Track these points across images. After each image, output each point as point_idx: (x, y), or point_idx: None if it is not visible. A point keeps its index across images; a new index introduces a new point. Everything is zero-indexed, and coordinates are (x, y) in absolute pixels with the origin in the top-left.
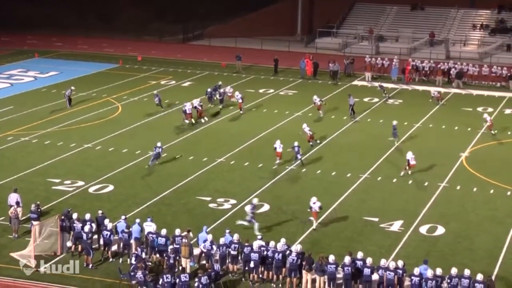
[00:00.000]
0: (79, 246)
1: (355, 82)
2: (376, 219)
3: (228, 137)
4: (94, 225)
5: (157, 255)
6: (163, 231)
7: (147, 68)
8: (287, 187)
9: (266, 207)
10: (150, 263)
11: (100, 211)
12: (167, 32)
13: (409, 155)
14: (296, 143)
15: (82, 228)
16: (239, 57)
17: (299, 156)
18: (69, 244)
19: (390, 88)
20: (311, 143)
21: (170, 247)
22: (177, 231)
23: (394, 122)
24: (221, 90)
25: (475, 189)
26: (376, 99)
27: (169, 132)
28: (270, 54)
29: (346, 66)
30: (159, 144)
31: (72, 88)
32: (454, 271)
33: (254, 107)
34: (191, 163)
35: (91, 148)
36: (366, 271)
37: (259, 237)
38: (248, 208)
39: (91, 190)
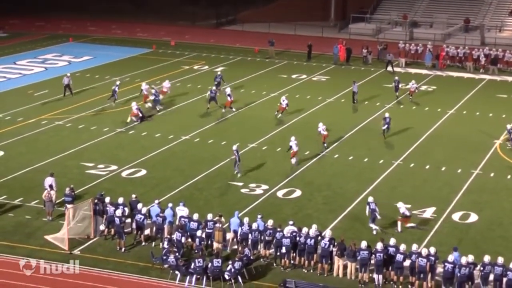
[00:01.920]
0: (112, 230)
1: (389, 68)
2: (409, 206)
3: (260, 122)
4: (127, 209)
5: (189, 240)
6: (195, 216)
7: (180, 53)
8: (319, 173)
9: (298, 193)
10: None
11: (133, 195)
12: (200, 16)
13: None
14: (387, 114)
15: (115, 212)
16: (272, 43)
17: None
18: (102, 227)
19: (424, 74)
20: (325, 144)
21: (198, 232)
22: (209, 216)
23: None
24: (213, 88)
25: (509, 177)
26: None
27: (201, 116)
28: (303, 40)
29: (379, 52)
30: (234, 147)
31: (68, 75)
32: (487, 258)
33: (287, 92)
34: (223, 148)
35: (124, 132)
36: (399, 257)
37: (291, 222)
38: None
39: (124, 174)
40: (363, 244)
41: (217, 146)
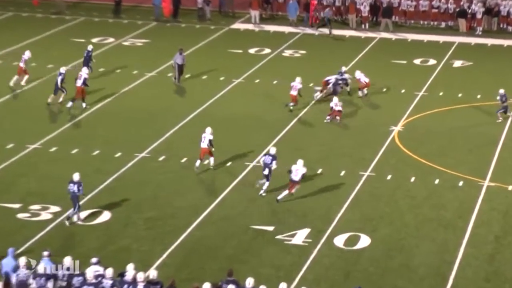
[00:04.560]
0: None
1: (236, 25)
2: (271, 228)
3: (44, 113)
4: None
5: None
6: None
7: None
8: (138, 183)
9: (106, 216)
10: None
11: None
12: None
13: None
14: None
15: None
16: None
17: None
18: None
19: (287, 33)
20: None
21: None
22: None
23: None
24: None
25: (413, 179)
26: (267, 50)
27: None
28: None
29: (221, 2)
30: (76, 177)
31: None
32: None
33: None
34: None
35: None
36: None
37: (94, 260)
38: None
39: None
40: (205, 287)
41: None
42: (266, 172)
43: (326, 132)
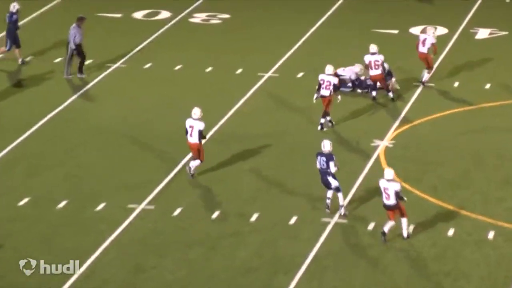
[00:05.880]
0: None
1: None
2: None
3: None
4: None
5: None
6: None
7: None
8: None
9: None
10: None
11: None
12: None
13: None
14: None
15: None
16: None
17: None
18: None
19: None
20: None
21: None
22: None
23: None
24: None
25: (411, 229)
26: (165, 14)
27: None
28: None
29: None
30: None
31: None
32: None
33: None
34: None
35: None
36: None
37: None
38: None
39: None
40: None
41: None
42: (327, 180)
43: (267, 153)
